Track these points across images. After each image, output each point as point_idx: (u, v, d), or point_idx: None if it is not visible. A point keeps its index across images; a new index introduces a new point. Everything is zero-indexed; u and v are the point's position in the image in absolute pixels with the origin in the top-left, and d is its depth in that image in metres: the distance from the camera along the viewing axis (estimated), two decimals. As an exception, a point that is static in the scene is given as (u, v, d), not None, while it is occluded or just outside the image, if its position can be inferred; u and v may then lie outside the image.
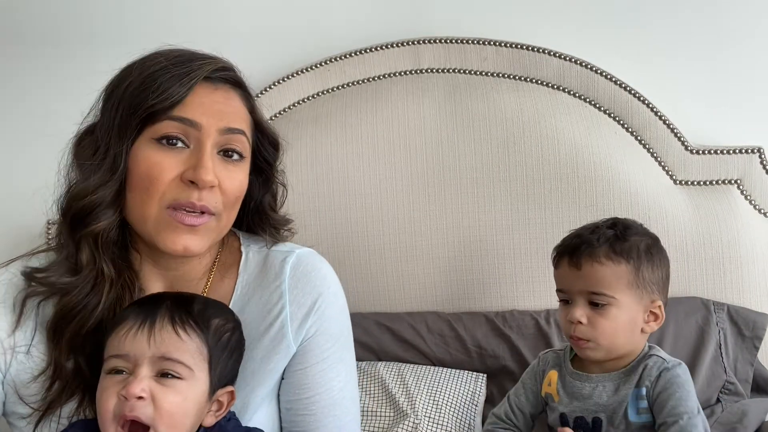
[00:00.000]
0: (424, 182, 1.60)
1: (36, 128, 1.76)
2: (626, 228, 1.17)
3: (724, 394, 1.44)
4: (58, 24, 1.75)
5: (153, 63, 0.99)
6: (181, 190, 0.96)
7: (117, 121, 0.97)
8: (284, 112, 1.69)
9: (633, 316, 1.13)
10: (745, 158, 1.57)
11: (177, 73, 0.97)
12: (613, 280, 1.12)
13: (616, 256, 1.13)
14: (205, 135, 0.97)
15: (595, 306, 1.12)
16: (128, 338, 0.90)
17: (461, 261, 1.58)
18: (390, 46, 1.66)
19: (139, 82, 0.97)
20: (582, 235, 1.17)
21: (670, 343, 1.47)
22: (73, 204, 0.98)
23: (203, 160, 0.96)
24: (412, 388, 1.43)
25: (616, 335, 1.12)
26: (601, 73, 1.59)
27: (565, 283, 1.17)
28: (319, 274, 1.08)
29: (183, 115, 0.96)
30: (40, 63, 1.76)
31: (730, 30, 1.62)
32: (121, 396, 0.87)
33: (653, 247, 1.17)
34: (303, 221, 1.60)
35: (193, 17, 1.72)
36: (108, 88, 1.01)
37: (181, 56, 1.00)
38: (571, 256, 1.16)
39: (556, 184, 1.56)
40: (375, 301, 1.60)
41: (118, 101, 0.98)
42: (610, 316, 1.11)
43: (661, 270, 1.16)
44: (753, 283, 1.54)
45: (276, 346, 1.04)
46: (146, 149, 0.97)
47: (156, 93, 0.95)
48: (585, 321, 1.12)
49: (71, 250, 0.99)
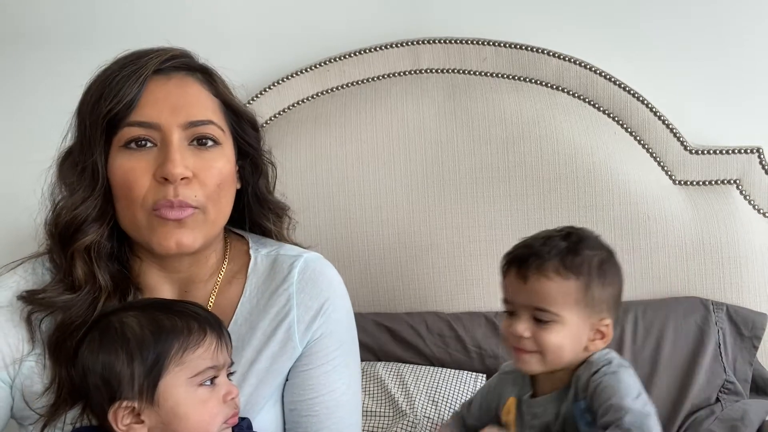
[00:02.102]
0: (424, 182, 1.60)
1: (36, 128, 1.77)
2: (580, 240, 1.08)
3: (723, 394, 1.44)
4: (59, 24, 1.75)
5: (106, 69, 0.99)
6: (157, 190, 0.96)
7: (86, 135, 0.98)
8: (284, 113, 1.69)
9: (578, 334, 1.05)
10: (744, 158, 1.57)
11: (126, 74, 0.97)
12: (560, 296, 1.04)
13: (566, 271, 1.04)
14: (167, 133, 0.97)
15: (538, 321, 1.05)
16: (218, 352, 0.94)
17: (461, 261, 1.58)
18: (389, 47, 1.66)
19: (97, 93, 0.98)
20: (532, 246, 1.09)
21: (670, 343, 1.47)
22: (59, 221, 0.99)
23: (170, 154, 0.96)
24: (411, 388, 1.43)
25: (560, 352, 1.05)
26: (600, 73, 1.59)
27: (510, 294, 1.09)
28: (326, 278, 1.09)
29: (141, 119, 0.96)
30: (40, 63, 1.76)
31: (730, 30, 1.62)
32: (228, 400, 0.94)
33: (606, 263, 1.08)
34: (303, 221, 1.61)
35: (194, 18, 1.72)
36: (78, 106, 1.02)
37: (130, 56, 0.99)
38: (519, 267, 1.07)
39: (555, 184, 1.56)
40: (375, 301, 1.60)
41: (85, 116, 0.99)
42: (553, 333, 1.04)
43: (612, 287, 1.07)
44: (752, 283, 1.54)
45: (282, 347, 1.05)
46: (118, 157, 0.97)
47: (109, 99, 0.96)
48: (528, 335, 1.05)
49: (66, 268, 0.99)
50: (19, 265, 1.05)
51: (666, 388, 1.45)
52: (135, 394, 0.90)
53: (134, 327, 0.92)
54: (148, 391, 0.90)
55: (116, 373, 0.90)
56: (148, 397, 0.90)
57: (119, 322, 0.93)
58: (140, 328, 0.92)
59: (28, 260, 1.06)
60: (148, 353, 0.90)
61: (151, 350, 0.91)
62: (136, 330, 0.92)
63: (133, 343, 0.91)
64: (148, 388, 0.90)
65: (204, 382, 0.92)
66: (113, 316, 0.94)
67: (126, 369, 0.90)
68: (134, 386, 0.90)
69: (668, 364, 1.46)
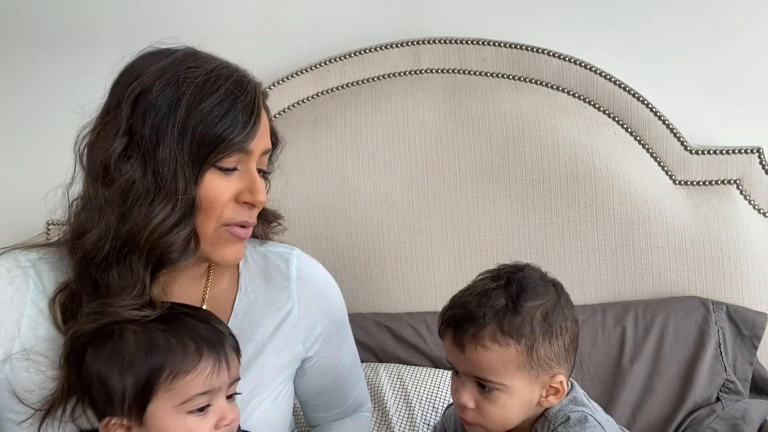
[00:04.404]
0: (424, 182, 1.60)
1: (37, 129, 1.77)
2: (520, 291, 0.97)
3: (724, 393, 1.44)
4: (59, 23, 1.75)
5: (215, 84, 0.95)
6: (235, 210, 0.98)
7: (186, 147, 0.93)
8: (284, 113, 1.69)
9: (526, 398, 0.97)
10: (744, 158, 1.57)
11: (244, 102, 0.95)
12: (501, 365, 0.95)
13: (504, 337, 0.94)
14: (252, 159, 0.99)
15: (482, 388, 0.97)
16: (214, 376, 0.92)
17: (461, 261, 1.58)
18: (389, 47, 1.66)
19: (208, 107, 0.94)
20: (467, 305, 0.98)
21: (670, 343, 1.47)
22: (152, 241, 0.93)
23: (257, 183, 0.98)
24: (411, 391, 1.43)
25: (507, 419, 0.98)
26: (601, 73, 1.59)
27: (451, 359, 1.01)
28: (320, 278, 1.17)
29: (249, 149, 0.97)
30: (40, 63, 1.76)
31: (730, 30, 1.62)
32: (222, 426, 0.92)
33: (552, 313, 0.97)
34: (303, 221, 1.61)
35: (194, 18, 1.72)
36: (151, 104, 0.94)
37: (233, 75, 0.97)
38: (455, 334, 0.98)
39: (556, 184, 1.56)
40: (375, 301, 1.60)
41: (181, 125, 0.93)
42: (498, 403, 0.96)
43: (561, 338, 0.97)
44: (752, 283, 1.54)
45: (286, 341, 1.10)
46: (211, 175, 0.96)
47: (233, 126, 0.94)
48: (472, 405, 0.97)
49: (140, 281, 0.94)
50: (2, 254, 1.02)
51: (666, 388, 1.45)
52: (125, 412, 0.91)
53: (130, 343, 0.91)
54: (137, 412, 0.90)
55: (111, 388, 0.91)
56: (137, 418, 0.90)
57: (119, 335, 0.92)
58: (135, 346, 0.91)
59: (12, 250, 1.02)
60: (139, 374, 0.90)
61: (143, 372, 0.90)
62: (131, 347, 0.91)
63: (127, 361, 0.90)
64: (137, 410, 0.90)
65: (193, 410, 0.91)
66: (116, 324, 0.93)
67: (118, 386, 0.90)
68: (125, 405, 0.90)
69: (668, 364, 1.46)
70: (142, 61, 0.98)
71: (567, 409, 0.98)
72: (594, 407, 1.01)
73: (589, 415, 0.97)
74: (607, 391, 1.46)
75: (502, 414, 0.97)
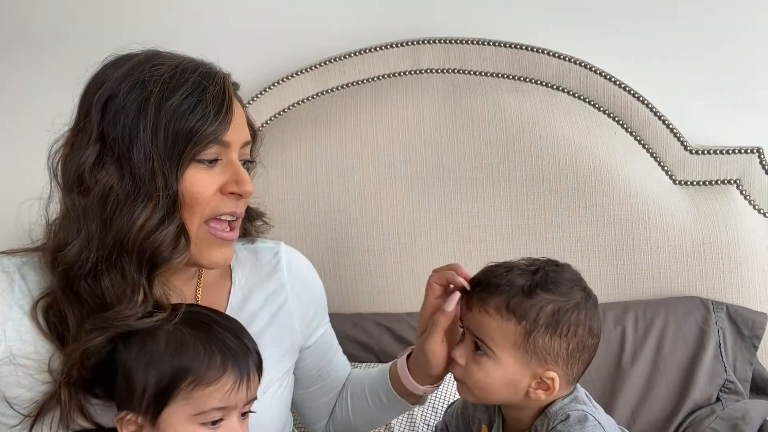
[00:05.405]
0: (424, 182, 1.60)
1: (36, 128, 1.77)
2: (543, 282, 0.98)
3: (724, 393, 1.45)
4: (59, 22, 1.75)
5: (181, 78, 0.94)
6: (220, 202, 0.98)
7: (161, 145, 0.92)
8: (284, 113, 1.69)
9: (512, 378, 0.98)
10: (744, 158, 1.57)
11: (216, 92, 0.95)
12: (498, 335, 0.97)
13: (507, 312, 0.96)
14: (232, 151, 0.99)
15: (477, 350, 1.00)
16: (233, 393, 0.92)
17: (460, 261, 1.56)
18: (389, 47, 1.66)
19: (177, 101, 0.93)
20: (491, 273, 1.02)
21: (670, 343, 1.47)
22: (140, 242, 0.92)
23: (241, 174, 0.98)
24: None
25: (487, 387, 0.99)
26: (601, 73, 1.59)
27: (461, 316, 1.04)
28: (304, 267, 1.20)
29: (227, 140, 0.97)
30: (40, 63, 1.76)
31: (730, 30, 1.62)
32: None
33: (565, 314, 0.97)
34: (303, 221, 1.62)
35: (194, 18, 1.72)
36: (120, 107, 0.93)
37: (199, 68, 0.97)
38: (470, 292, 1.02)
39: (556, 184, 1.56)
40: (375, 301, 1.60)
41: (153, 123, 0.92)
42: (484, 368, 0.98)
43: (566, 340, 0.97)
44: (752, 283, 1.54)
45: (282, 331, 1.13)
46: (191, 170, 0.95)
47: (204, 117, 0.94)
48: (462, 363, 1.01)
49: (137, 286, 0.93)
50: None
51: (666, 388, 1.45)
52: (142, 409, 0.91)
53: (161, 342, 0.92)
54: (152, 413, 0.90)
55: (134, 382, 0.91)
56: (151, 418, 0.90)
57: (155, 329, 0.93)
58: (165, 346, 0.91)
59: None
60: (163, 373, 0.90)
61: (167, 372, 0.90)
62: (161, 347, 0.91)
63: (154, 358, 0.91)
64: (153, 411, 0.90)
65: (206, 422, 0.91)
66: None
67: (141, 381, 0.90)
68: (143, 402, 0.90)
69: (668, 364, 1.46)
70: (105, 69, 0.98)
71: (567, 408, 0.98)
72: (595, 407, 1.01)
73: (590, 414, 0.97)
74: (607, 392, 1.46)
75: (483, 380, 0.99)
